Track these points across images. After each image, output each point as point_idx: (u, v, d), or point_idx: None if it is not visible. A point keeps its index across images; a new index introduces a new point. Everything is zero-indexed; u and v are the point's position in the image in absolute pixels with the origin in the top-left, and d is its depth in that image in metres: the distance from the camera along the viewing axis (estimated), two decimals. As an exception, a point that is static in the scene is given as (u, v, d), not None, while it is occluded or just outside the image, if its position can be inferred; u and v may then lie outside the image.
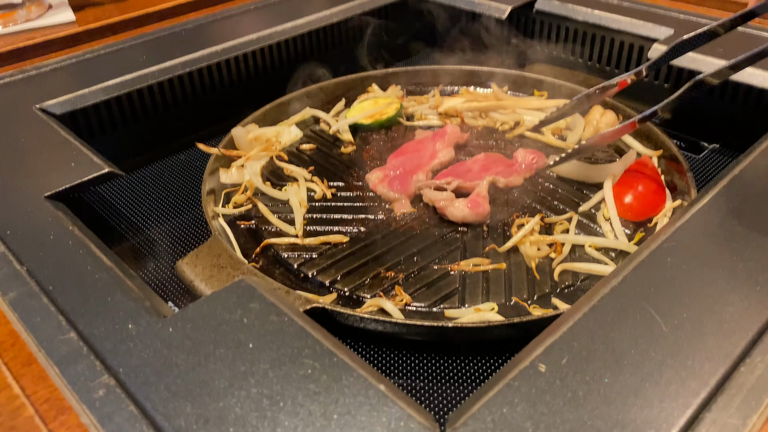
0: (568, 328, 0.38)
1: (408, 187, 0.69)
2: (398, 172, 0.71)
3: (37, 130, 0.66)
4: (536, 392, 0.34)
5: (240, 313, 0.41)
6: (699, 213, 0.48)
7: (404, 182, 0.69)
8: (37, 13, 0.94)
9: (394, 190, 0.68)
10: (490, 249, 0.61)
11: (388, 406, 0.34)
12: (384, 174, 0.71)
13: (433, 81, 0.91)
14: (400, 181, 0.69)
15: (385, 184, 0.69)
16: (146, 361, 0.37)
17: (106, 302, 0.43)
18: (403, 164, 0.72)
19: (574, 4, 0.91)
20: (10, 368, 0.40)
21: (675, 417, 0.33)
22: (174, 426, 0.34)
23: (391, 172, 0.71)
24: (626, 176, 0.65)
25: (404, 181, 0.69)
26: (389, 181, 0.69)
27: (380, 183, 0.70)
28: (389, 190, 0.69)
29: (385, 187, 0.69)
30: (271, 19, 0.92)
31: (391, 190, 0.69)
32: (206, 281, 0.52)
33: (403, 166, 0.71)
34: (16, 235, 0.50)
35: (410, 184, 0.69)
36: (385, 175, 0.71)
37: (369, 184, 0.71)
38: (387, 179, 0.70)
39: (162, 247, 0.69)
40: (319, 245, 0.63)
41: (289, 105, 0.84)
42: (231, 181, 0.71)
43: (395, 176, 0.70)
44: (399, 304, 0.55)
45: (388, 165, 0.73)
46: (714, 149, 0.82)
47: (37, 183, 0.56)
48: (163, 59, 0.80)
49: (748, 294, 0.41)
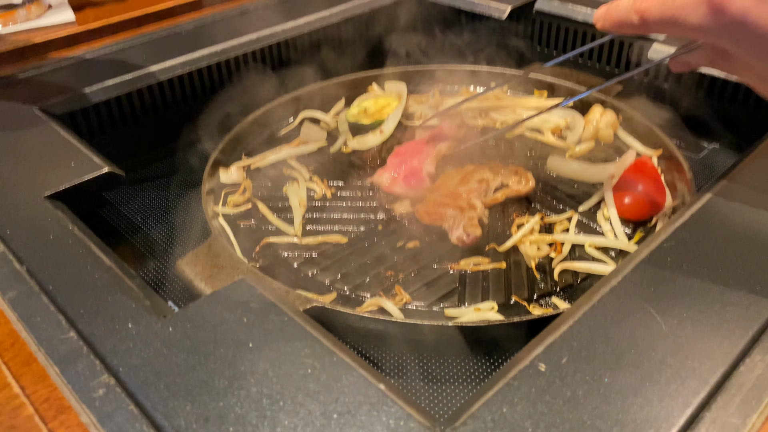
0: (568, 327, 0.38)
1: (423, 180, 0.69)
2: (403, 168, 0.70)
3: (37, 130, 0.66)
4: (536, 392, 0.34)
5: (240, 312, 0.41)
6: (699, 213, 0.48)
7: (418, 177, 0.69)
8: (37, 13, 0.94)
9: (412, 186, 0.68)
10: (490, 248, 0.61)
11: (387, 406, 0.34)
12: (392, 174, 0.70)
13: (433, 81, 0.91)
14: (415, 177, 0.69)
15: (400, 182, 0.69)
16: (146, 360, 0.37)
17: (106, 302, 0.43)
18: (405, 161, 0.71)
19: (574, 4, 0.91)
20: (9, 368, 0.40)
21: (675, 416, 0.33)
22: (174, 425, 0.34)
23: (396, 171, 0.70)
24: (626, 176, 0.65)
25: (418, 176, 0.69)
26: (404, 179, 0.69)
27: (394, 183, 0.69)
28: (408, 189, 0.68)
29: (402, 186, 0.69)
30: (272, 19, 0.92)
31: (410, 187, 0.68)
32: (206, 281, 0.52)
33: (406, 163, 0.71)
34: (16, 235, 0.50)
35: (424, 178, 0.69)
36: (394, 175, 0.70)
37: (381, 187, 0.70)
38: (400, 178, 0.69)
39: (162, 246, 0.69)
40: (319, 245, 0.63)
41: (289, 104, 0.84)
42: (231, 181, 0.71)
43: (407, 174, 0.69)
44: (399, 304, 0.55)
45: (390, 165, 0.72)
46: (714, 149, 0.82)
47: (37, 183, 0.56)
48: (163, 59, 0.80)
49: (748, 294, 0.41)
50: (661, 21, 0.42)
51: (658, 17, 0.42)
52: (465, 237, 0.61)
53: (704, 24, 0.39)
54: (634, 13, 0.43)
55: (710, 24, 0.39)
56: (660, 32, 0.45)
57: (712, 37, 0.40)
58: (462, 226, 0.62)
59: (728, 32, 0.39)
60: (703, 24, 0.39)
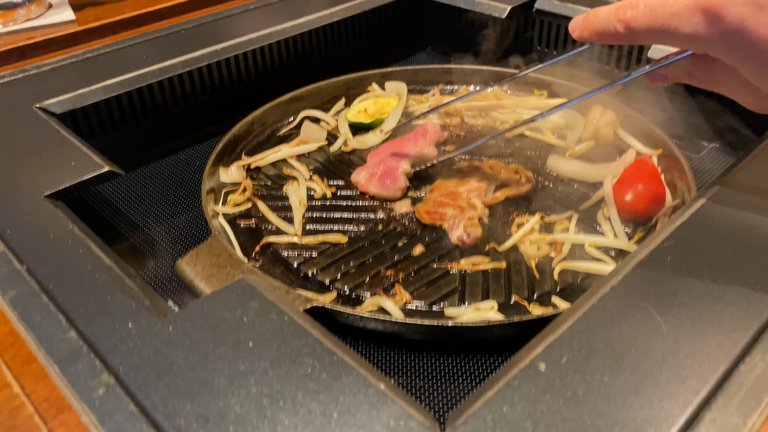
0: (568, 327, 0.38)
1: (398, 180, 0.69)
2: (381, 168, 0.70)
3: (37, 129, 0.66)
4: (536, 391, 0.34)
5: (240, 312, 0.41)
6: (699, 213, 0.48)
7: (394, 177, 0.69)
8: (37, 12, 0.94)
9: (386, 187, 0.68)
10: (490, 248, 0.61)
11: (387, 405, 0.34)
12: (369, 173, 0.70)
13: (433, 80, 0.91)
14: (390, 177, 0.69)
15: (375, 182, 0.69)
16: (146, 360, 0.37)
17: (106, 301, 0.42)
18: (383, 161, 0.71)
19: (574, 4, 0.91)
20: (9, 367, 0.40)
21: (675, 416, 0.33)
22: (174, 425, 0.34)
23: (374, 170, 0.70)
24: (626, 175, 0.65)
25: (393, 176, 0.69)
26: (379, 179, 0.69)
27: (369, 182, 0.69)
28: (381, 188, 0.68)
29: (377, 186, 0.69)
30: (271, 18, 0.92)
31: (384, 188, 0.68)
32: (206, 280, 0.52)
33: (384, 162, 0.71)
34: (16, 235, 0.50)
35: (399, 177, 0.69)
36: (371, 173, 0.70)
37: (358, 186, 0.70)
38: (375, 177, 0.69)
39: (162, 246, 0.69)
40: (319, 244, 0.63)
41: (288, 104, 0.84)
42: (231, 180, 0.71)
43: (383, 173, 0.69)
44: (399, 303, 0.55)
45: (370, 163, 0.72)
46: (714, 149, 0.82)
47: (37, 182, 0.56)
48: (163, 59, 0.80)
49: (748, 294, 0.41)
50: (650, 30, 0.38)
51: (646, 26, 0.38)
52: (465, 237, 0.61)
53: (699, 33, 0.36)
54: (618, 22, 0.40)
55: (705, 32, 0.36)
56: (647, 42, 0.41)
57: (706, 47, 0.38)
58: (462, 226, 0.62)
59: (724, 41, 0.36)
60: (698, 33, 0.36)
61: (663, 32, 0.38)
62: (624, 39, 0.40)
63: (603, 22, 0.41)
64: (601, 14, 0.41)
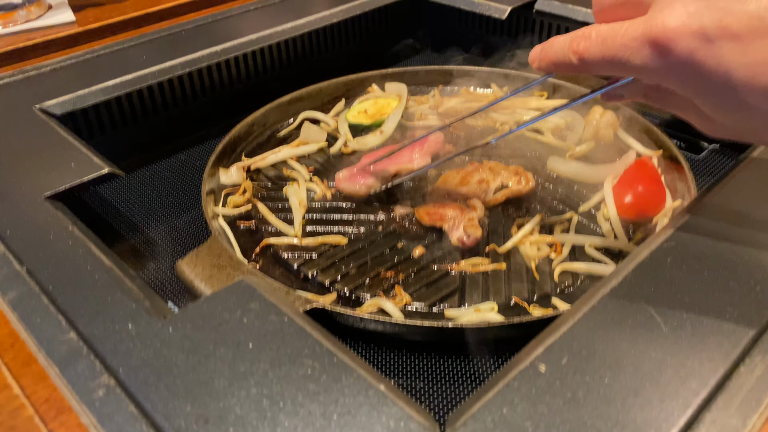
0: (568, 328, 0.38)
1: (367, 176, 0.69)
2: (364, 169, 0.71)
3: (37, 130, 0.66)
4: (536, 392, 0.34)
5: (240, 313, 0.41)
6: (699, 213, 0.48)
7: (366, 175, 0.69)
8: (37, 13, 0.94)
9: (355, 182, 0.69)
10: (490, 249, 0.61)
11: (387, 406, 0.34)
12: (351, 173, 0.71)
13: (433, 81, 0.91)
14: (363, 176, 0.69)
15: (347, 180, 0.70)
16: (146, 361, 0.37)
17: (106, 302, 0.42)
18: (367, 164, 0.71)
19: (574, 5, 0.91)
20: (10, 368, 0.40)
21: (675, 417, 0.33)
22: (174, 426, 0.34)
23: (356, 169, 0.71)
24: (626, 176, 0.65)
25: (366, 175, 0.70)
26: (350, 177, 0.70)
27: (345, 180, 0.70)
28: (351, 184, 0.69)
29: (347, 184, 0.69)
30: (271, 19, 0.92)
31: (352, 184, 0.69)
32: (206, 281, 0.52)
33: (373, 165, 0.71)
34: (16, 235, 0.50)
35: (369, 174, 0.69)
36: (352, 174, 0.70)
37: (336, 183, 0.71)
38: (351, 176, 0.70)
39: (162, 247, 0.69)
40: (319, 245, 0.63)
41: (289, 105, 0.84)
42: (230, 182, 0.71)
43: (357, 173, 0.70)
44: (399, 304, 0.55)
45: (360, 163, 0.72)
46: (714, 149, 0.82)
47: (37, 183, 0.56)
48: (163, 59, 0.80)
49: (748, 294, 0.41)
50: (602, 62, 0.38)
51: (598, 58, 0.39)
52: (465, 238, 0.61)
53: (648, 65, 0.36)
54: (573, 53, 0.40)
55: (654, 65, 0.36)
56: (601, 73, 0.41)
57: (656, 78, 0.38)
58: (462, 227, 0.62)
59: (674, 73, 0.36)
60: (648, 65, 0.36)
61: (615, 63, 0.38)
62: (579, 70, 0.40)
63: (558, 54, 0.41)
64: (557, 45, 0.41)
